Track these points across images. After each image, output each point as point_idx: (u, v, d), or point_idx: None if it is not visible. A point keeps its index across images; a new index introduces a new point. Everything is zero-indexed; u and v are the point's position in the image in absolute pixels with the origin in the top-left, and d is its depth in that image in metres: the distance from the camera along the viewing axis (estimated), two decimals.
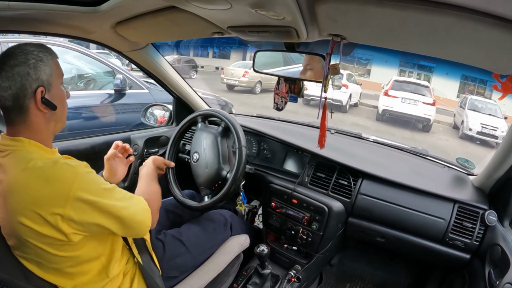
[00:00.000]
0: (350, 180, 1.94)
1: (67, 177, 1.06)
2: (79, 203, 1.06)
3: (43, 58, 1.13)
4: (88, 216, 1.09)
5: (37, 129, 1.15)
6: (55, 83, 1.17)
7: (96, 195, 1.10)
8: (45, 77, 1.13)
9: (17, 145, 1.11)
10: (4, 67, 1.08)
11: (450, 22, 0.88)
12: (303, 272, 1.97)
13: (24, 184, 1.04)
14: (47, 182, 1.04)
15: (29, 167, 1.06)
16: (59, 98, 1.19)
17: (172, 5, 1.29)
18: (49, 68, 1.14)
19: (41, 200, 1.03)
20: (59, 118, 1.23)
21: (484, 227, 1.69)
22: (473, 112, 11.47)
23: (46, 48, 1.17)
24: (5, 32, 1.73)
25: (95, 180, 1.14)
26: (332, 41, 1.33)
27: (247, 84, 14.97)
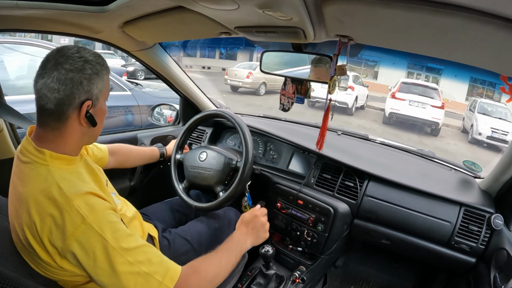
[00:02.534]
0: (356, 182, 1.94)
1: (72, 223, 0.97)
2: (74, 255, 0.98)
3: (99, 71, 1.10)
4: (85, 263, 0.99)
5: (68, 141, 1.10)
6: (101, 99, 1.14)
7: (93, 250, 0.98)
8: (95, 91, 1.09)
9: (39, 158, 1.06)
10: (59, 68, 1.03)
11: (458, 24, 0.88)
12: (307, 273, 1.97)
13: (37, 208, 0.98)
14: (53, 218, 0.97)
15: (45, 191, 0.99)
16: (101, 115, 1.16)
17: (179, 5, 1.30)
18: (102, 83, 1.11)
19: (47, 231, 0.97)
20: (94, 135, 1.20)
21: (490, 230, 1.68)
22: (483, 115, 11.27)
23: (103, 61, 1.14)
24: (13, 31, 1.74)
25: (102, 232, 0.99)
26: (339, 42, 1.33)
27: (251, 86, 14.89)
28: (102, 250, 0.98)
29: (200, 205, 1.86)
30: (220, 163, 1.89)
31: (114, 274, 0.99)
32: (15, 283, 0.84)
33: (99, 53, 1.13)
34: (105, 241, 0.98)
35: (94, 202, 1.02)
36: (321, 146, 1.66)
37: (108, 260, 0.98)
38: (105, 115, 1.20)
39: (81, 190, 1.03)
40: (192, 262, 1.21)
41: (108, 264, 0.98)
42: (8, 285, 0.82)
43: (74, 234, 0.96)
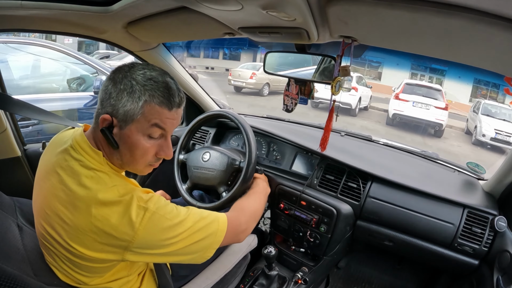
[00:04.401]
0: (359, 183, 1.93)
1: (136, 215, 1.00)
2: (138, 253, 1.04)
3: (134, 92, 1.00)
4: (148, 258, 1.10)
5: (101, 147, 1.09)
6: (133, 127, 1.03)
7: (164, 232, 1.06)
8: (121, 110, 1.01)
9: (94, 158, 1.05)
10: (111, 74, 1.06)
11: (462, 25, 0.87)
12: (310, 274, 1.97)
13: (94, 210, 0.97)
14: (118, 216, 0.98)
15: (103, 196, 0.98)
16: (128, 142, 1.05)
17: (183, 5, 1.30)
18: (133, 105, 1.00)
19: (108, 231, 0.97)
20: (126, 161, 1.10)
21: (494, 233, 1.67)
22: (486, 117, 11.22)
23: (152, 86, 1.02)
24: (17, 31, 1.75)
25: (168, 216, 1.08)
26: (343, 42, 1.33)
27: (255, 86, 14.88)
28: (169, 227, 1.07)
29: (203, 205, 1.87)
30: (223, 164, 1.89)
31: (182, 240, 1.10)
32: (19, 282, 0.84)
33: (160, 79, 1.04)
34: (168, 220, 1.07)
35: (148, 196, 1.07)
36: (324, 147, 1.66)
37: (175, 233, 1.08)
38: (141, 151, 1.07)
39: (135, 190, 1.05)
40: (235, 204, 1.56)
41: (176, 236, 1.08)
42: (12, 283, 0.82)
43: (142, 223, 1.00)
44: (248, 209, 1.52)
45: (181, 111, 1.12)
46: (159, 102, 1.02)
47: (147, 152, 1.09)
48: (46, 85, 4.40)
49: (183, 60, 18.17)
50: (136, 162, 1.11)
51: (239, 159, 1.91)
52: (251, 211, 1.53)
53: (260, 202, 1.69)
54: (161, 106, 1.03)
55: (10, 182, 1.82)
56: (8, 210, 1.16)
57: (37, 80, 4.33)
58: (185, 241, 1.11)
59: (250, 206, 1.56)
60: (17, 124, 1.88)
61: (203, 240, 1.16)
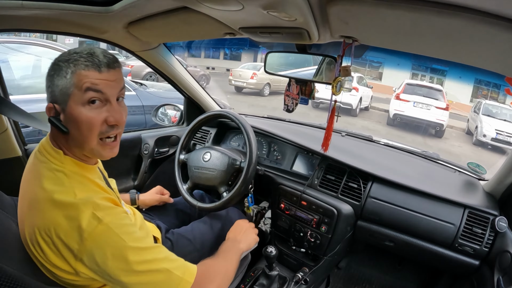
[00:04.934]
0: (360, 183, 1.93)
1: (88, 224, 0.94)
2: (88, 267, 0.97)
3: (61, 70, 0.98)
4: (100, 278, 1.00)
5: (61, 143, 1.06)
6: (71, 102, 0.99)
7: (112, 253, 0.96)
8: (56, 92, 0.99)
9: (55, 157, 1.04)
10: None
11: (463, 25, 0.87)
12: (310, 274, 1.97)
13: (49, 210, 0.95)
14: (68, 220, 0.94)
15: (62, 194, 0.96)
16: (73, 120, 1.01)
17: (184, 5, 1.30)
18: (63, 81, 0.98)
19: (58, 235, 0.94)
20: (79, 144, 1.05)
21: (494, 233, 1.67)
22: (487, 117, 11.22)
23: (71, 56, 0.99)
24: (18, 31, 1.75)
25: (120, 233, 0.98)
26: (343, 43, 1.33)
27: (255, 86, 14.90)
28: (121, 249, 0.97)
29: (203, 205, 1.87)
30: (224, 164, 1.89)
31: (135, 273, 0.98)
32: (19, 282, 0.84)
33: (83, 50, 1.01)
34: (123, 241, 0.97)
35: (109, 206, 1.01)
36: (326, 148, 1.66)
37: (127, 260, 0.97)
38: (88, 124, 1.01)
39: (96, 195, 1.01)
40: (204, 262, 1.28)
41: (127, 263, 0.97)
42: (12, 283, 0.82)
43: (92, 234, 0.94)
44: (218, 271, 1.28)
45: (118, 73, 1.06)
46: (85, 67, 0.98)
47: (92, 122, 1.01)
48: None
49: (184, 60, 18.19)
50: (87, 139, 1.03)
51: (239, 159, 1.91)
52: (222, 274, 1.28)
53: (232, 262, 1.42)
54: (88, 69, 0.98)
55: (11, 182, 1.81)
56: (8, 210, 1.16)
57: (38, 80, 4.33)
58: (138, 275, 0.99)
59: (221, 268, 1.31)
60: (18, 124, 1.88)
61: (160, 285, 1.03)
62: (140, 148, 2.40)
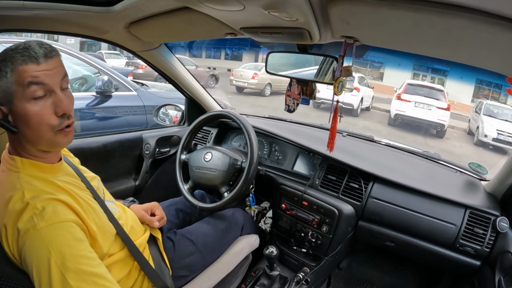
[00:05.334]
0: (361, 183, 1.93)
1: (24, 227, 0.92)
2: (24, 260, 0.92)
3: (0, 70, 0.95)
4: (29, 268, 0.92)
5: (17, 146, 1.04)
6: (16, 101, 0.97)
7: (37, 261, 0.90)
8: (0, 94, 0.96)
9: (11, 165, 1.03)
10: None
11: (464, 25, 0.87)
12: (311, 274, 1.97)
13: (3, 220, 0.95)
14: (14, 226, 0.93)
15: (11, 197, 0.96)
16: (22, 118, 0.98)
17: (185, 6, 1.30)
18: (4, 80, 0.95)
19: (10, 235, 0.94)
20: (33, 140, 1.03)
21: (496, 233, 1.67)
22: (488, 117, 11.18)
23: (12, 53, 0.96)
24: (19, 31, 1.75)
25: (48, 242, 0.91)
26: (345, 43, 1.33)
27: (257, 86, 14.90)
28: (46, 263, 0.89)
29: (204, 205, 1.87)
30: (225, 164, 1.89)
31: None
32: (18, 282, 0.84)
33: (19, 45, 0.97)
34: (50, 254, 0.89)
35: (53, 210, 0.96)
36: (332, 148, 1.66)
37: (48, 278, 0.88)
38: (38, 119, 0.99)
39: (44, 196, 0.98)
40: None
41: (47, 283, 0.88)
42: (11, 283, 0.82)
43: (23, 237, 0.91)
44: None
45: (57, 61, 1.03)
46: (22, 61, 0.95)
47: (40, 116, 0.99)
48: None
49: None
50: (40, 134, 1.01)
51: (241, 159, 1.92)
52: None
53: None
54: (26, 64, 0.95)
55: None
56: None
57: None
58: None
59: None
60: None
61: None
62: (141, 148, 2.40)
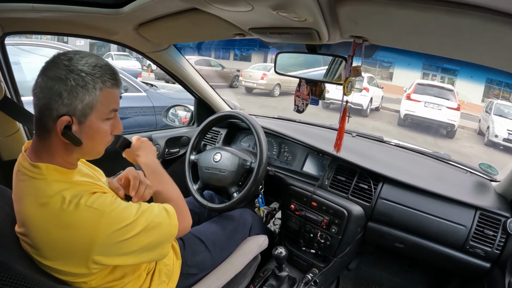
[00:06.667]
0: (370, 184, 1.92)
1: (91, 224, 0.95)
2: (106, 247, 0.98)
3: (88, 83, 0.95)
4: (115, 259, 1.03)
5: (56, 155, 1.02)
6: (93, 117, 1.00)
7: (122, 235, 1.00)
8: (80, 106, 0.95)
9: (35, 173, 0.99)
10: (44, 73, 0.96)
11: (474, 24, 0.87)
12: (320, 275, 1.96)
13: (41, 226, 0.95)
14: (67, 228, 0.94)
15: (46, 205, 0.95)
16: (90, 133, 1.02)
17: (193, 7, 1.30)
18: (91, 97, 0.96)
19: (62, 247, 0.96)
20: (87, 152, 1.07)
21: (506, 235, 1.65)
22: (499, 117, 11.03)
23: (101, 72, 0.99)
24: (29, 33, 1.76)
25: (121, 218, 1.01)
26: (353, 43, 1.33)
27: (266, 87, 14.89)
28: (127, 229, 1.02)
29: (213, 205, 1.87)
30: (234, 164, 1.90)
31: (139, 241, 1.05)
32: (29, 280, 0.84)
33: (102, 63, 1.01)
34: (125, 222, 1.02)
35: (99, 196, 1.02)
36: (339, 148, 1.65)
37: (135, 232, 1.03)
38: (102, 136, 1.06)
39: (83, 192, 1.00)
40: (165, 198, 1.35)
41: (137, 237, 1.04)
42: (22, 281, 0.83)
43: (98, 229, 0.96)
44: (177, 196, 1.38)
45: None
46: (111, 85, 1.02)
47: (106, 134, 1.07)
48: None
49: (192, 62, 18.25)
50: (97, 148, 1.10)
51: (250, 160, 1.92)
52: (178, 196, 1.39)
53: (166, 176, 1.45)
54: (113, 88, 1.02)
55: None
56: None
57: None
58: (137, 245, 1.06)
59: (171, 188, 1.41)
60: None
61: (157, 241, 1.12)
62: None
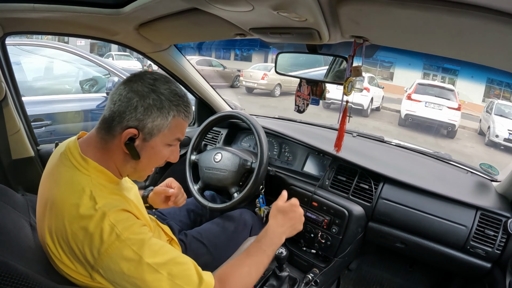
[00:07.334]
0: (371, 184, 1.92)
1: (105, 239, 0.93)
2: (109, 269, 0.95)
3: (164, 108, 1.02)
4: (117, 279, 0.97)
5: (110, 158, 1.06)
6: (158, 139, 1.06)
7: (130, 269, 0.94)
8: (149, 125, 1.02)
9: (82, 166, 1.02)
10: (128, 84, 1.02)
11: (474, 24, 0.87)
12: (321, 276, 1.96)
13: (65, 216, 0.95)
14: (85, 232, 0.93)
15: (79, 201, 0.95)
16: (150, 153, 1.07)
17: (194, 7, 1.30)
18: (163, 121, 1.03)
19: (74, 244, 0.94)
20: (139, 169, 1.11)
21: (507, 235, 1.64)
22: (500, 117, 11.01)
23: (180, 102, 1.06)
24: (30, 33, 1.77)
25: (138, 250, 0.95)
26: (354, 43, 1.33)
27: (266, 87, 14.89)
28: (137, 266, 0.95)
29: (214, 205, 1.87)
30: (235, 164, 1.90)
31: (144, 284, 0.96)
32: (31, 280, 0.85)
33: (182, 93, 1.08)
34: (139, 256, 0.95)
35: (128, 218, 1.00)
36: (339, 148, 1.65)
37: (143, 278, 0.95)
38: (159, 159, 1.12)
39: (116, 206, 0.99)
40: (220, 272, 1.15)
41: (143, 281, 0.95)
42: (24, 282, 0.83)
43: (108, 250, 0.93)
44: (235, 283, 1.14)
45: None
46: (184, 117, 1.08)
47: (163, 158, 1.13)
48: (59, 87, 4.43)
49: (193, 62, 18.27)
50: (149, 169, 1.14)
51: (250, 160, 1.92)
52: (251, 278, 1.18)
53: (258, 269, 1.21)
54: (185, 120, 1.09)
55: (24, 182, 1.84)
56: (21, 210, 1.17)
57: (50, 81, 4.37)
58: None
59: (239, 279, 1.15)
60: (31, 125, 1.90)
61: None
62: None
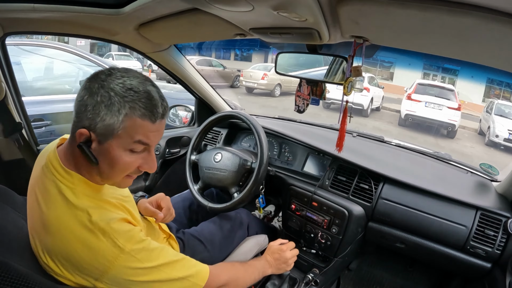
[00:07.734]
0: (371, 184, 1.92)
1: (111, 256, 0.93)
2: (115, 278, 0.96)
3: (113, 104, 0.90)
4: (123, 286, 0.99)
5: (81, 167, 1.00)
6: (114, 142, 0.94)
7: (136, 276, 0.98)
8: (100, 124, 0.91)
9: (65, 178, 0.98)
10: (87, 81, 0.94)
11: (474, 24, 0.86)
12: (321, 275, 1.96)
13: (63, 236, 0.92)
14: (87, 249, 0.92)
15: (73, 217, 0.93)
16: (108, 158, 0.96)
17: (194, 7, 1.30)
18: (113, 119, 0.90)
19: (76, 261, 0.93)
20: (105, 176, 1.00)
21: (507, 235, 1.64)
22: (500, 117, 11.04)
23: (133, 97, 0.92)
24: (30, 33, 1.77)
25: (142, 259, 0.98)
26: (354, 43, 1.32)
27: (266, 87, 14.93)
28: (142, 271, 0.99)
29: (214, 206, 1.87)
30: (235, 164, 1.90)
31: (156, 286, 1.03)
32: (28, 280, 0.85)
33: (141, 89, 0.93)
34: (144, 263, 0.99)
35: (127, 229, 0.99)
36: (340, 148, 1.65)
37: (148, 278, 1.00)
38: (122, 166, 0.98)
39: (112, 218, 0.97)
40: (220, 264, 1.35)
41: (149, 282, 1.01)
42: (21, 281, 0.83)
43: (114, 264, 0.94)
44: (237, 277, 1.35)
45: (165, 121, 1.03)
46: (141, 115, 0.92)
47: (128, 166, 0.99)
48: (59, 87, 4.43)
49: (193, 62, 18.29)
50: (116, 176, 1.01)
51: (250, 160, 1.92)
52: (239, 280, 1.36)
53: (250, 276, 1.44)
54: (143, 119, 0.93)
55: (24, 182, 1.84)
56: (21, 210, 1.17)
57: (50, 81, 4.36)
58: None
59: (240, 276, 1.38)
60: (31, 125, 1.90)
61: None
62: None
